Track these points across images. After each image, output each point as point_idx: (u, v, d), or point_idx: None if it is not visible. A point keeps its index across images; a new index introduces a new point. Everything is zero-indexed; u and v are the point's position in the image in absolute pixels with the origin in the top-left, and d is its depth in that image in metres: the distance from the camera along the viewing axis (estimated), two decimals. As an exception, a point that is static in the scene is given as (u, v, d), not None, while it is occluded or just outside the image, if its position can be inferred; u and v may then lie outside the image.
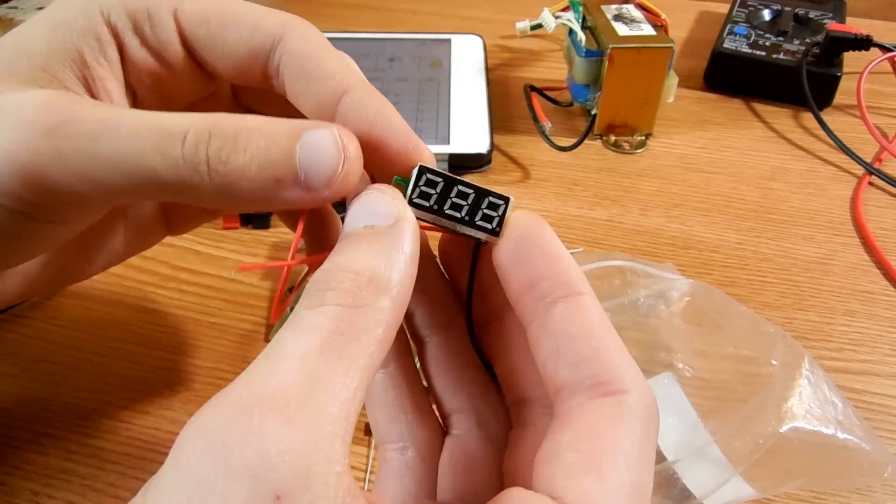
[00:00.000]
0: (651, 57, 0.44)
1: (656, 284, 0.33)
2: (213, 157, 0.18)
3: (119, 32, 0.21)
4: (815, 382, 0.28)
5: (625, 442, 0.15)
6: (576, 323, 0.16)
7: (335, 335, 0.15)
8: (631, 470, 0.15)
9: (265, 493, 0.12)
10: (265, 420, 0.13)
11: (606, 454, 0.15)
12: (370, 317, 0.15)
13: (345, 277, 0.16)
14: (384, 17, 0.65)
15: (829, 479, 0.27)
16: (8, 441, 0.28)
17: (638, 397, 0.16)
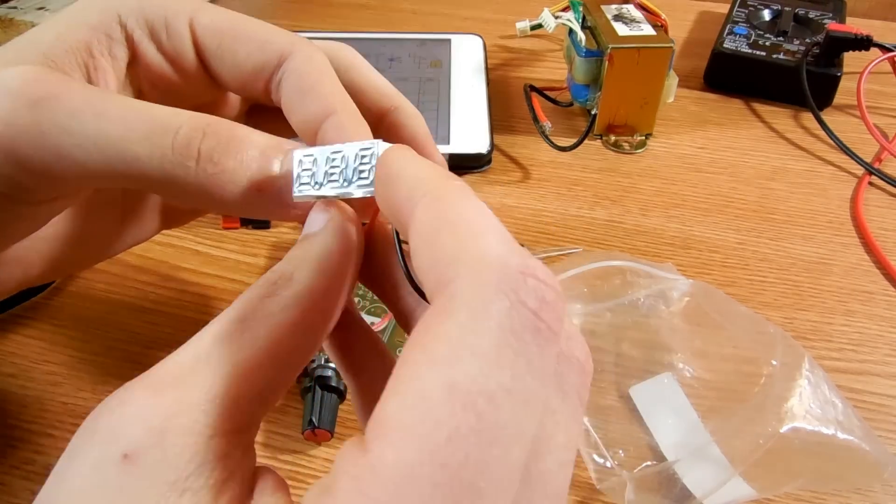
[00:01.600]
0: (651, 57, 0.44)
1: (656, 284, 0.33)
2: (204, 155, 0.18)
3: (134, 36, 0.22)
4: (816, 383, 0.28)
5: (440, 340, 0.12)
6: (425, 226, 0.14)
7: (233, 322, 0.15)
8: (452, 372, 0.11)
9: (113, 452, 0.13)
10: (134, 393, 0.14)
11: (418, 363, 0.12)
12: (273, 303, 0.16)
13: (264, 276, 0.16)
14: (384, 17, 0.65)
15: (829, 479, 0.27)
16: (8, 441, 0.28)
17: (470, 277, 0.12)
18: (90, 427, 0.14)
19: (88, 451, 0.13)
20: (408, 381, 0.12)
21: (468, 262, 0.12)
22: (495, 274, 0.12)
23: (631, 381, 0.31)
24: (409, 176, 0.15)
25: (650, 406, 0.30)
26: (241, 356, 0.15)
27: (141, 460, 0.13)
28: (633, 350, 0.32)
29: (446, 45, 0.56)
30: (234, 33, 0.22)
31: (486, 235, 0.13)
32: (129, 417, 0.13)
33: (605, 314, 0.33)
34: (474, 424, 0.11)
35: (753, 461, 0.26)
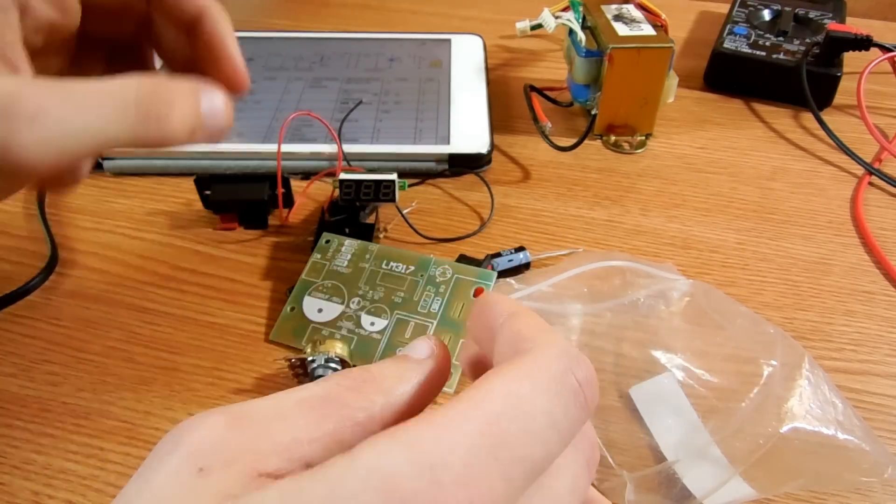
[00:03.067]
0: (651, 57, 0.44)
1: (656, 284, 0.33)
2: (158, 117, 0.23)
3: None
4: (816, 383, 0.28)
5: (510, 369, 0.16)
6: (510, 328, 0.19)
7: (317, 398, 0.17)
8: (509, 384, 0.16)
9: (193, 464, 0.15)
10: (217, 419, 0.16)
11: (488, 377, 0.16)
12: (358, 400, 0.18)
13: (358, 370, 0.19)
14: (384, 17, 0.65)
15: (829, 479, 0.27)
16: (8, 441, 0.28)
17: (541, 347, 0.17)
18: (174, 440, 0.16)
19: (172, 460, 0.16)
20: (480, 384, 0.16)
21: (541, 340, 0.17)
22: (559, 349, 0.17)
23: (631, 381, 0.31)
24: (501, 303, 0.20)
25: (650, 406, 0.30)
26: (310, 426, 0.17)
27: (211, 475, 0.15)
28: (633, 350, 0.32)
29: (446, 45, 0.56)
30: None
31: (555, 333, 0.18)
32: (208, 442, 0.16)
33: (605, 314, 0.33)
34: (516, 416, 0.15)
35: (754, 461, 0.27)
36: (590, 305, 0.33)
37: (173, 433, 0.16)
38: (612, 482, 0.27)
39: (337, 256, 0.34)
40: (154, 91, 0.23)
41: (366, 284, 0.33)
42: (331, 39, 0.57)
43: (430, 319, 0.31)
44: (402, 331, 0.31)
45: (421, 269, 0.33)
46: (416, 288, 0.32)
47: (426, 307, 0.32)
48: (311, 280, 0.34)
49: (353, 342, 0.31)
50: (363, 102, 0.48)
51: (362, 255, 0.34)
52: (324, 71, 0.52)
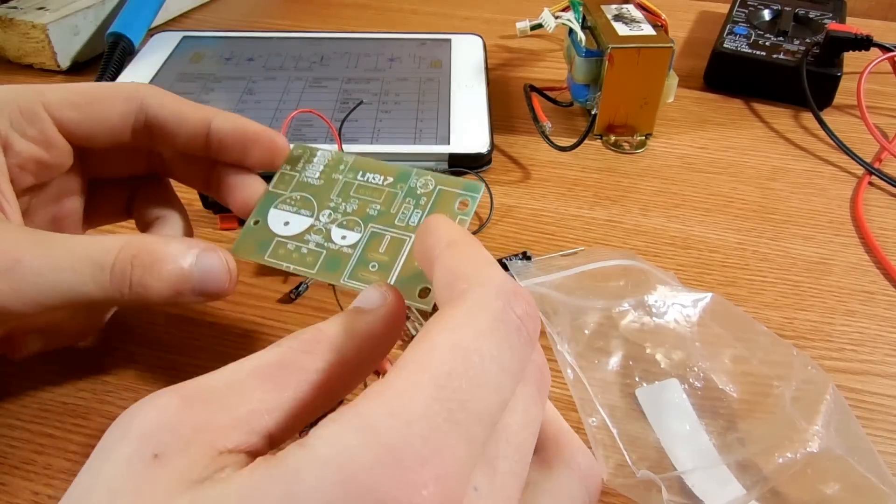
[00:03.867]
0: (651, 57, 0.44)
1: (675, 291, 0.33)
2: (134, 283, 0.23)
3: (1, 134, 0.25)
4: (837, 411, 0.27)
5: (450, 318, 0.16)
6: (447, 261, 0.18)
7: (272, 365, 0.17)
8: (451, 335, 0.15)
9: (147, 451, 0.15)
10: (169, 401, 0.16)
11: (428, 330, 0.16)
12: (311, 361, 0.18)
13: (308, 331, 0.18)
14: (384, 17, 0.65)
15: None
16: (8, 441, 0.28)
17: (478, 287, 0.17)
18: (124, 425, 0.16)
19: (123, 448, 0.15)
20: (422, 340, 0.15)
21: (477, 279, 0.17)
22: (496, 287, 0.17)
23: (637, 383, 0.31)
24: (440, 230, 0.19)
25: (656, 410, 0.30)
26: (267, 395, 0.17)
27: (168, 461, 0.15)
28: (642, 352, 0.32)
29: (446, 45, 0.56)
30: (86, 98, 0.27)
31: (492, 267, 0.18)
32: (162, 424, 0.15)
33: (621, 312, 0.32)
34: (466, 370, 0.15)
35: (768, 488, 0.26)
36: (607, 301, 0.32)
37: (122, 418, 0.16)
38: (628, 480, 0.26)
39: (308, 168, 0.30)
40: (135, 255, 0.23)
41: (338, 196, 0.29)
42: (331, 39, 0.57)
43: (407, 233, 0.27)
44: (376, 245, 0.27)
45: (400, 180, 0.29)
46: (393, 200, 0.28)
47: (404, 220, 0.28)
48: (279, 192, 0.30)
49: (321, 257, 0.28)
50: (363, 103, 0.48)
51: (336, 166, 0.30)
52: (324, 71, 0.52)
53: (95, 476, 0.15)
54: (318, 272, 0.27)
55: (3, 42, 0.55)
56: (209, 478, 0.15)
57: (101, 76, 0.51)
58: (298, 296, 0.35)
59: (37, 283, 0.22)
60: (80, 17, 0.55)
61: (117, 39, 0.53)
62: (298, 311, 0.35)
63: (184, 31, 0.57)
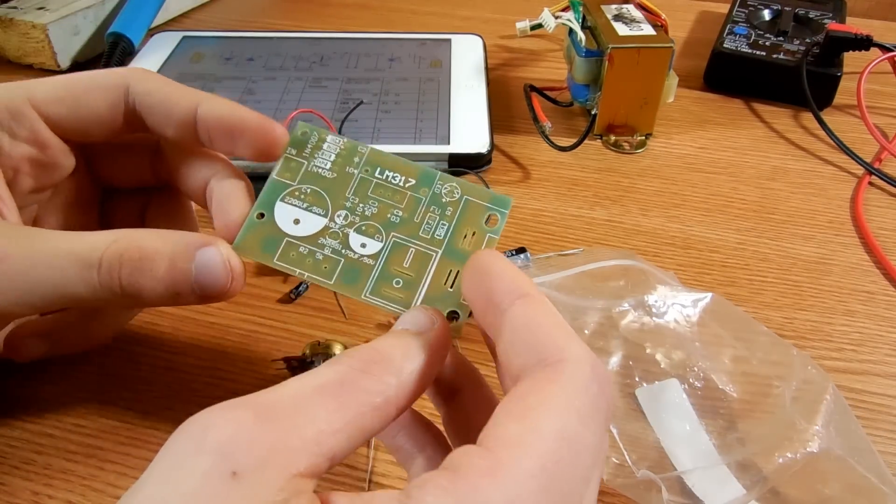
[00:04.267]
0: (651, 57, 0.44)
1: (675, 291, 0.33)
2: (125, 282, 0.22)
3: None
4: (837, 411, 0.27)
5: (555, 396, 0.16)
6: (523, 317, 0.18)
7: (334, 384, 0.17)
8: (559, 419, 0.16)
9: (226, 467, 0.15)
10: (244, 415, 0.15)
11: (533, 406, 0.16)
12: (373, 383, 0.18)
13: (366, 351, 0.18)
14: (384, 17, 0.65)
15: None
16: (8, 441, 0.28)
17: (575, 363, 0.17)
18: (198, 437, 0.15)
19: (200, 461, 0.15)
20: (527, 415, 0.16)
21: (571, 352, 0.17)
22: (590, 366, 0.17)
23: (637, 383, 0.31)
24: (507, 275, 0.19)
25: (656, 410, 0.30)
26: (333, 416, 0.17)
27: (246, 480, 0.15)
28: (642, 352, 0.32)
29: (446, 45, 0.56)
30: (72, 90, 0.26)
31: (577, 339, 0.18)
32: (239, 441, 0.15)
33: (621, 312, 0.32)
34: (570, 459, 0.16)
35: (768, 488, 0.26)
36: (607, 301, 0.32)
37: (192, 428, 0.15)
38: (628, 480, 0.26)
39: (317, 155, 0.27)
40: (123, 254, 0.22)
41: (354, 195, 0.26)
42: (331, 39, 0.57)
43: (433, 248, 0.25)
44: (399, 258, 0.25)
45: (423, 183, 0.26)
46: (417, 206, 0.26)
47: (429, 232, 0.25)
48: (285, 182, 0.26)
49: (339, 266, 0.25)
50: (363, 103, 0.48)
51: (350, 156, 0.27)
52: (324, 71, 0.52)
53: (170, 487, 0.15)
54: (336, 283, 0.25)
55: (3, 42, 0.55)
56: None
57: (101, 76, 0.51)
58: (298, 296, 0.35)
59: (22, 282, 0.22)
60: (80, 17, 0.55)
61: (117, 39, 0.53)
62: (298, 311, 0.35)
63: (184, 31, 0.57)
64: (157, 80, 0.26)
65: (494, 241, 0.24)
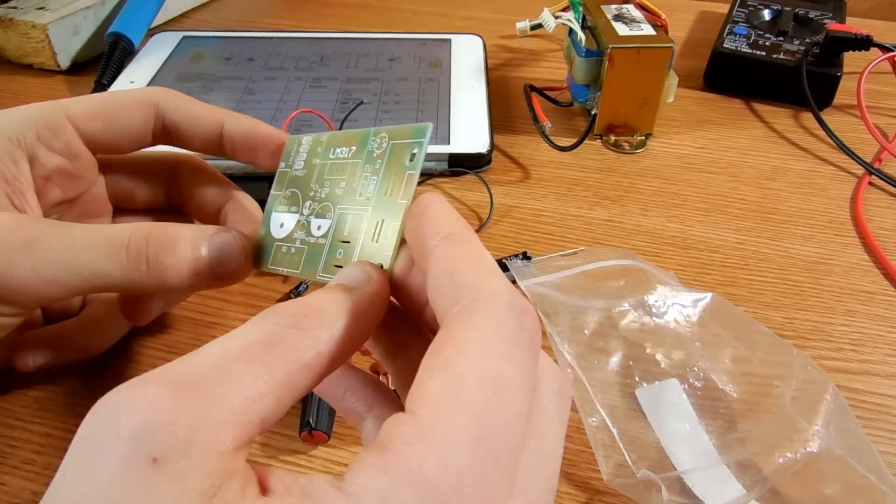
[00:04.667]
0: (651, 57, 0.44)
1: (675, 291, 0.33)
2: (151, 258, 0.24)
3: (28, 147, 0.26)
4: (837, 411, 0.27)
5: (471, 341, 0.16)
6: (443, 260, 0.18)
7: (260, 344, 0.16)
8: (478, 364, 0.15)
9: (144, 454, 0.14)
10: (159, 392, 0.14)
11: (451, 357, 0.15)
12: (302, 339, 0.17)
13: (294, 305, 0.18)
14: (384, 17, 0.65)
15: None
16: (8, 441, 0.28)
17: (488, 301, 0.16)
18: (110, 421, 0.14)
19: (115, 449, 0.14)
20: (446, 367, 0.15)
21: (486, 291, 0.17)
22: (507, 303, 0.17)
23: (637, 383, 0.31)
24: (436, 217, 0.19)
25: (656, 410, 0.30)
26: (259, 380, 0.16)
27: (169, 466, 0.14)
28: (642, 352, 0.32)
29: (446, 45, 0.56)
30: (107, 108, 0.28)
31: (496, 275, 0.17)
32: (157, 423, 0.14)
33: (621, 312, 0.32)
34: (498, 401, 0.15)
35: (768, 488, 0.26)
36: (607, 301, 0.32)
37: (102, 411, 0.14)
38: (628, 480, 0.26)
39: (296, 159, 0.28)
40: (149, 235, 0.24)
41: (316, 183, 0.26)
42: (331, 39, 0.57)
43: (365, 207, 0.24)
44: (342, 229, 0.24)
45: (362, 146, 0.25)
46: (356, 171, 0.25)
47: (364, 192, 0.24)
48: (276, 193, 0.28)
49: (304, 254, 0.25)
50: (364, 103, 0.48)
51: (315, 149, 0.27)
52: (324, 71, 0.52)
53: (86, 481, 0.14)
54: (302, 271, 0.25)
55: (3, 42, 0.55)
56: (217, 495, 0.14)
57: (101, 76, 0.51)
58: (299, 295, 0.35)
59: (55, 261, 0.23)
60: (80, 17, 0.55)
61: (117, 39, 0.53)
62: (298, 311, 0.35)
63: (184, 31, 0.57)
64: (184, 99, 0.29)
65: (414, 178, 0.22)
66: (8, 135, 0.26)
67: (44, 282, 0.23)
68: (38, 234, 0.23)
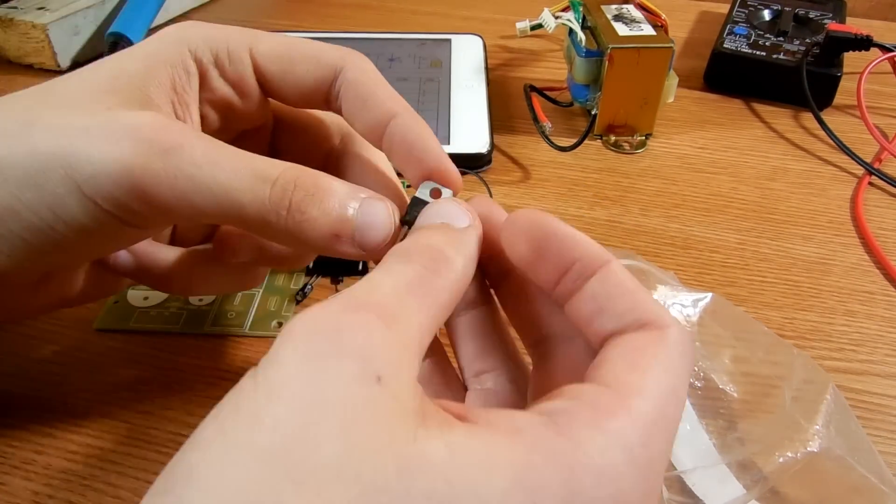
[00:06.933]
0: (651, 57, 0.44)
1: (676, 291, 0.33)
2: (294, 205, 0.21)
3: (202, 65, 0.24)
4: (837, 411, 0.27)
5: (666, 359, 0.18)
6: (612, 285, 0.19)
7: (417, 281, 0.18)
8: (669, 377, 0.17)
9: (371, 372, 0.15)
10: (371, 317, 0.16)
11: (650, 364, 0.18)
12: (441, 282, 0.18)
13: (426, 249, 0.19)
14: (384, 17, 0.65)
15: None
16: (8, 441, 0.28)
17: (677, 331, 0.19)
18: (334, 340, 0.15)
19: (343, 366, 0.15)
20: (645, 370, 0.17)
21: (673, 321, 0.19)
22: (689, 338, 0.19)
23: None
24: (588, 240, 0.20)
25: None
26: (427, 314, 0.18)
27: (391, 385, 0.15)
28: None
29: (446, 45, 0.56)
30: (291, 55, 0.25)
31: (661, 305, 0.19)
32: (377, 345, 0.15)
33: None
34: (673, 412, 0.17)
35: (768, 488, 0.26)
36: None
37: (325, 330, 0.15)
38: None
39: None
40: (299, 179, 0.21)
41: None
42: (331, 39, 0.57)
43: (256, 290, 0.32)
44: (230, 299, 0.31)
45: None
46: None
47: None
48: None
49: (182, 318, 0.33)
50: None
51: None
52: (324, 71, 0.52)
53: (317, 393, 0.14)
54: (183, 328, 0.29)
55: (3, 42, 0.55)
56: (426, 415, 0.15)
57: (102, 76, 0.51)
58: (305, 297, 0.35)
59: (193, 176, 0.21)
60: (80, 17, 0.55)
61: (117, 39, 0.53)
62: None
63: (184, 31, 0.57)
64: (369, 75, 0.25)
65: None
66: (189, 45, 0.24)
67: (175, 196, 0.21)
68: (183, 142, 0.21)
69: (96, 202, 0.21)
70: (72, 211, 0.21)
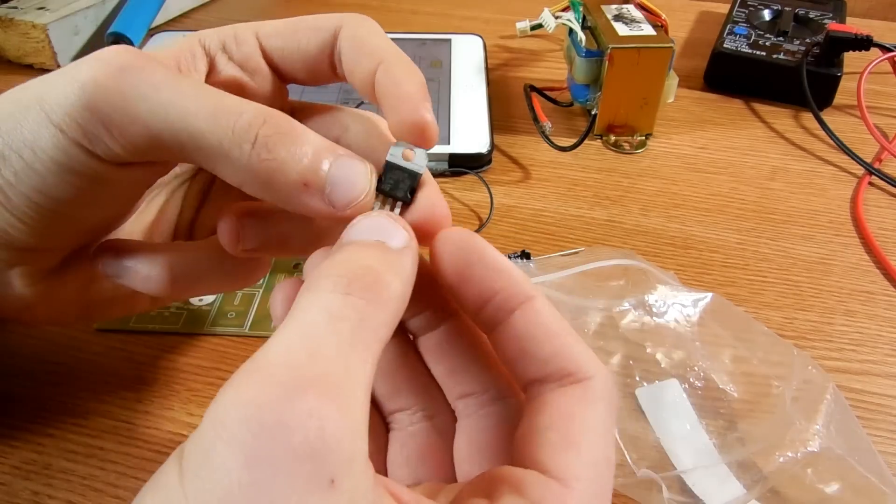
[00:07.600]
0: (651, 57, 0.44)
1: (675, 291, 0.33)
2: (260, 141, 0.19)
3: (210, 51, 0.25)
4: (837, 411, 0.27)
5: (595, 421, 0.18)
6: (535, 325, 0.19)
7: (359, 324, 0.16)
8: (601, 445, 0.18)
9: (324, 476, 0.13)
10: (321, 404, 0.14)
11: (581, 433, 0.18)
12: (383, 313, 0.17)
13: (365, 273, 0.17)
14: (384, 17, 0.65)
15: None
16: (8, 441, 0.28)
17: (600, 381, 0.19)
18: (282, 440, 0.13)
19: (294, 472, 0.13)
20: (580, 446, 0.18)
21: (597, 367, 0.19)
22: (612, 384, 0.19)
23: (637, 382, 0.31)
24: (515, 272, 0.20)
25: (656, 410, 0.30)
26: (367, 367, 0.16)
27: (344, 485, 0.14)
28: (642, 352, 0.32)
29: (446, 45, 0.56)
30: (292, 27, 0.25)
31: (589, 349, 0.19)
32: (329, 439, 0.14)
33: (621, 312, 0.32)
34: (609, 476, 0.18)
35: (768, 488, 0.26)
36: (607, 301, 0.32)
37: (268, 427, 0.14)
38: (628, 479, 0.26)
39: None
40: (270, 116, 0.20)
41: None
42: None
43: (256, 289, 0.34)
44: (230, 299, 0.33)
45: None
46: None
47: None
48: None
49: (183, 318, 0.33)
50: (364, 103, 0.48)
51: None
52: (324, 71, 0.52)
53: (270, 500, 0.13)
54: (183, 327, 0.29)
55: (3, 42, 0.55)
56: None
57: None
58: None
59: (147, 96, 0.19)
60: (80, 17, 0.55)
61: (117, 39, 0.53)
62: (298, 311, 0.35)
63: (184, 31, 0.57)
64: (365, 29, 0.24)
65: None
66: (198, 36, 0.25)
67: (129, 117, 0.20)
68: (143, 65, 0.20)
69: (62, 129, 0.20)
70: (44, 145, 0.20)
